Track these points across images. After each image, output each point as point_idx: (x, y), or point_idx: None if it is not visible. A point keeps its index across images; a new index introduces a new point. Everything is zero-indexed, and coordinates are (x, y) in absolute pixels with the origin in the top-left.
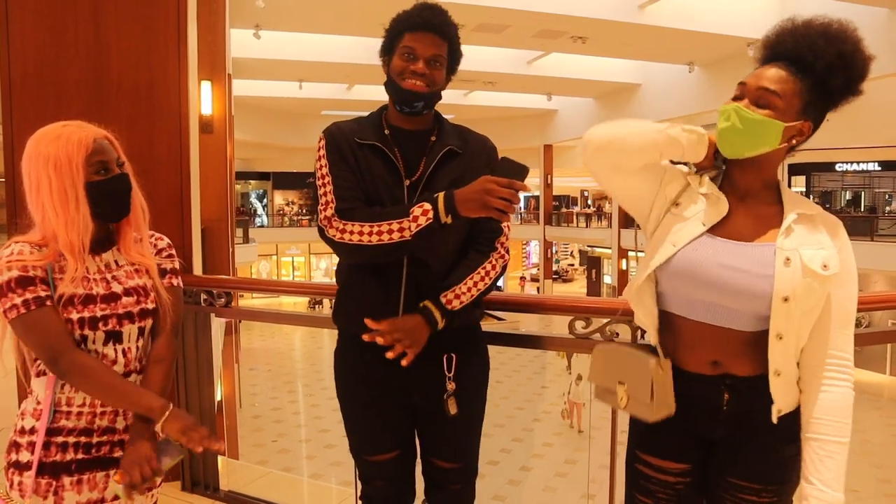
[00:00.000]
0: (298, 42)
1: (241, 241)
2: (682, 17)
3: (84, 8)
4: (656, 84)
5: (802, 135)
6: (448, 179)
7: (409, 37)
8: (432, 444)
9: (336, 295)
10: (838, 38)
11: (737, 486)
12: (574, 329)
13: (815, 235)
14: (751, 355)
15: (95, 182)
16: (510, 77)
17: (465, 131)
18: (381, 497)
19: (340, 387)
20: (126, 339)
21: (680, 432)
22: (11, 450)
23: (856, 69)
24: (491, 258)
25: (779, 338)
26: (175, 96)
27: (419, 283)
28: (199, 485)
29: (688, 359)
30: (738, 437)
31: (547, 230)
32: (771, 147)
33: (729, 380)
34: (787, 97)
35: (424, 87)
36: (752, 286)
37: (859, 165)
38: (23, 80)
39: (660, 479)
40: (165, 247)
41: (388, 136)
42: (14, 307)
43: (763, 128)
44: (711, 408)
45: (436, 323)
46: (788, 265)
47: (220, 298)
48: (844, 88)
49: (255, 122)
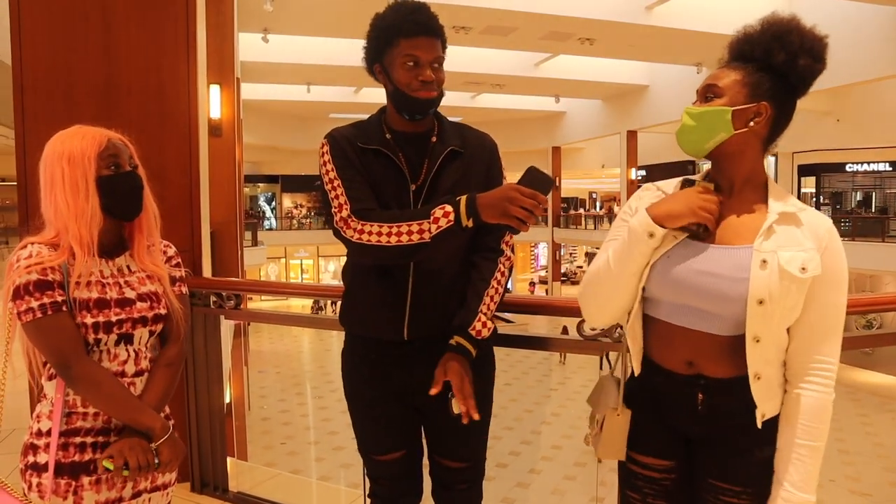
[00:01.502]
0: (306, 45)
1: (250, 244)
2: (690, 17)
3: (94, 12)
4: (664, 85)
5: (761, 115)
6: (451, 181)
7: (408, 44)
8: (439, 443)
9: (342, 296)
10: (772, 23)
11: (717, 488)
12: (582, 331)
13: (797, 236)
14: (727, 358)
15: (106, 176)
16: (518, 79)
17: (465, 129)
18: (388, 495)
19: (347, 387)
20: (137, 342)
21: (662, 429)
22: (28, 452)
23: (793, 43)
24: (499, 264)
25: (756, 341)
26: (184, 100)
27: (425, 283)
28: (208, 486)
29: (664, 357)
30: (717, 437)
31: (555, 232)
32: (727, 132)
33: (703, 380)
34: (730, 85)
35: (436, 92)
36: (727, 290)
37: (870, 166)
38: (34, 85)
39: (646, 475)
40: (174, 255)
41: (390, 140)
42: (30, 310)
43: (710, 117)
44: (687, 407)
45: (471, 354)
46: (764, 268)
47: (229, 301)
48: (791, 62)
49: (264, 125)
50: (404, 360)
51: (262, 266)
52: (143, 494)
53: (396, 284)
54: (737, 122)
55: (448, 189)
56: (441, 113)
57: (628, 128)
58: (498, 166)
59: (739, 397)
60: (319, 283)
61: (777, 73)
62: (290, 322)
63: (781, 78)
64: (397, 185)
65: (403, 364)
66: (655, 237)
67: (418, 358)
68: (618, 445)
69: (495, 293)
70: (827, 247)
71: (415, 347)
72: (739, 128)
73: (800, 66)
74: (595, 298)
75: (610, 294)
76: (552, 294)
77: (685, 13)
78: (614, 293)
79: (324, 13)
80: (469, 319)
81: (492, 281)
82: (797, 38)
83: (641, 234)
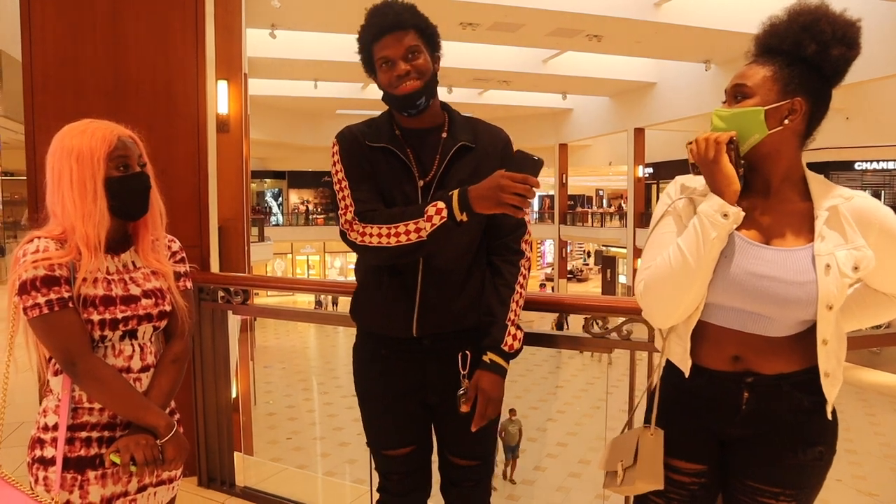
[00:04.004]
0: (313, 41)
1: (257, 240)
2: (698, 14)
3: (104, 9)
4: (672, 82)
5: (796, 112)
6: (461, 175)
7: (378, 47)
8: (449, 440)
9: (354, 293)
10: (800, 13)
11: (754, 489)
12: (591, 328)
13: (847, 232)
14: (778, 355)
15: (115, 178)
16: (525, 76)
17: (477, 123)
18: (397, 490)
19: (358, 382)
20: (141, 337)
21: (696, 432)
22: (35, 446)
23: (824, 33)
24: (521, 267)
25: (825, 343)
26: (193, 96)
27: (434, 281)
28: (215, 480)
29: (708, 357)
30: (756, 438)
31: (562, 229)
32: (762, 133)
33: (750, 377)
34: (760, 83)
35: (417, 83)
36: (787, 294)
37: (879, 164)
38: (44, 81)
39: (673, 478)
40: (178, 249)
41: (398, 137)
42: (36, 306)
43: (742, 118)
44: (729, 407)
45: (505, 370)
46: (828, 272)
47: (237, 296)
48: (823, 53)
49: (271, 121)
50: (415, 357)
51: (268, 262)
52: (148, 489)
53: (406, 281)
54: (771, 122)
55: (459, 184)
56: (452, 107)
57: (636, 125)
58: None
59: (784, 395)
60: (326, 279)
61: (809, 65)
62: (299, 318)
63: (814, 70)
64: (405, 183)
65: (414, 360)
66: (730, 217)
67: (429, 355)
68: (656, 468)
69: (520, 297)
70: (880, 228)
71: (425, 344)
72: (774, 127)
73: (833, 57)
74: (666, 298)
75: (686, 289)
76: (558, 291)
77: (693, 10)
78: (691, 287)
79: (331, 9)
80: (500, 335)
81: (516, 286)
82: (828, 26)
83: (714, 215)
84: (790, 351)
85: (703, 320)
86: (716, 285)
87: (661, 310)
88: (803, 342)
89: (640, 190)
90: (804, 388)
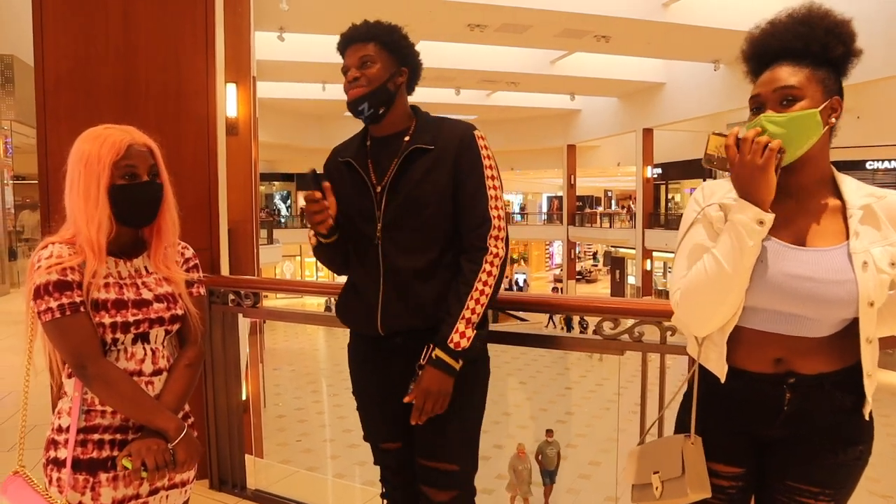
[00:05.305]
0: (322, 44)
1: (266, 242)
2: (707, 14)
3: (115, 12)
4: (681, 83)
5: (836, 110)
6: (416, 176)
7: (343, 63)
8: (417, 439)
9: None
10: (815, 17)
11: (794, 489)
12: (602, 330)
13: (882, 229)
14: (820, 355)
15: (119, 186)
16: (533, 77)
17: (443, 123)
18: (394, 482)
19: (351, 377)
20: (153, 340)
21: (734, 435)
22: (50, 447)
23: (845, 34)
24: (485, 263)
25: (868, 342)
26: (203, 99)
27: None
28: (226, 483)
29: (748, 360)
30: (797, 438)
31: (570, 230)
32: (817, 136)
33: (793, 378)
34: (805, 84)
35: (362, 88)
36: (827, 294)
37: (891, 163)
38: (56, 85)
39: (713, 483)
40: (191, 256)
41: (367, 148)
42: (49, 310)
43: (801, 122)
44: (771, 409)
45: (453, 368)
46: (866, 269)
47: (247, 299)
48: (847, 54)
49: (279, 123)
50: (384, 355)
51: (277, 264)
52: (160, 491)
53: (371, 281)
54: (822, 122)
55: (414, 185)
56: (422, 111)
57: (644, 125)
58: (469, 156)
59: (826, 395)
60: (335, 281)
61: (833, 66)
62: (309, 321)
63: (837, 68)
64: (361, 193)
65: (383, 358)
66: (766, 224)
67: (396, 354)
68: (703, 476)
69: (481, 295)
70: None
71: (394, 343)
72: (824, 127)
73: (854, 59)
74: (704, 306)
75: (724, 297)
76: (566, 293)
77: (701, 10)
78: (729, 295)
79: (339, 12)
80: (448, 331)
81: (475, 283)
82: (847, 28)
83: (750, 224)
84: (830, 350)
85: (740, 325)
86: (754, 289)
87: (699, 318)
88: (842, 341)
89: (648, 190)
90: (844, 388)
